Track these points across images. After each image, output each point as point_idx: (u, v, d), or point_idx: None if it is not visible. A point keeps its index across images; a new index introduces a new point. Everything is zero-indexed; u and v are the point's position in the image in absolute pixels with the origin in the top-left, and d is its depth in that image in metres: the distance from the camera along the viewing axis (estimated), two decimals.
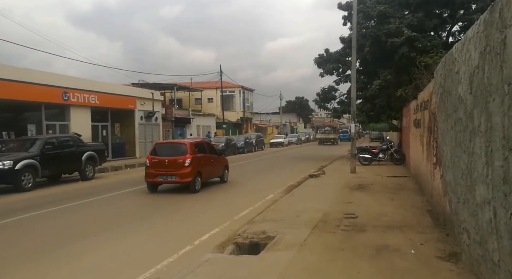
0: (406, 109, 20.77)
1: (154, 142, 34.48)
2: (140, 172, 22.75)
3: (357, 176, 17.37)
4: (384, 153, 22.56)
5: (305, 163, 27.30)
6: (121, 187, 16.23)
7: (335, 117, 31.75)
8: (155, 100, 34.43)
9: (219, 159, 17.08)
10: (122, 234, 8.89)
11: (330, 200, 11.41)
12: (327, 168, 22.21)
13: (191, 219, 10.30)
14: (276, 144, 54.09)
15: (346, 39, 27.03)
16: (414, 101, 15.21)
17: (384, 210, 9.76)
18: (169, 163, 14.60)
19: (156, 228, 9.44)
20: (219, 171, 16.98)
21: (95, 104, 27.17)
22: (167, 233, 8.95)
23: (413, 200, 11.07)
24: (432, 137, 9.69)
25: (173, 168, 14.50)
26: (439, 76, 8.14)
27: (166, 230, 9.18)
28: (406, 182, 15.05)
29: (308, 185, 14.88)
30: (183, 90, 49.90)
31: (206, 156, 15.82)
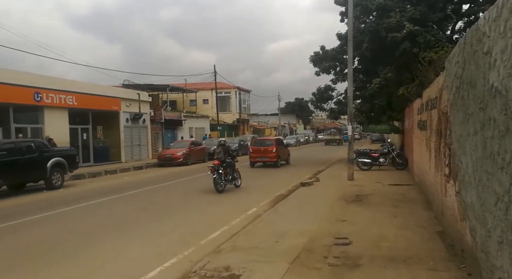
0: (408, 109, 18.98)
1: (142, 145, 32.91)
2: (119, 179, 21.14)
3: (355, 184, 15.55)
4: (385, 157, 20.73)
5: (301, 167, 25.46)
6: (88, 198, 14.40)
7: (332, 118, 29.88)
8: (142, 101, 32.61)
9: (286, 150, 28.29)
10: (67, 258, 7.08)
11: (320, 217, 9.58)
12: (323, 173, 20.39)
13: (147, 243, 8.45)
14: None
15: (343, 35, 25.22)
16: (418, 100, 13.42)
17: (384, 232, 7.93)
18: (263, 150, 25.47)
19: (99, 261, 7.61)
20: (287, 156, 27.58)
21: (73, 105, 25.35)
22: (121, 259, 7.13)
23: (419, 217, 9.25)
24: (442, 143, 7.88)
25: (266, 153, 25.14)
26: (454, 65, 6.34)
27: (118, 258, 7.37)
28: (409, 191, 13.23)
29: (297, 196, 13.05)
30: (177, 91, 48.12)
31: (281, 147, 26.65)
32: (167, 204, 13.29)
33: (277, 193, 14.52)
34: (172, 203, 13.38)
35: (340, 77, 26.13)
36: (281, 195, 13.90)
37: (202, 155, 30.83)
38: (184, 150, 28.65)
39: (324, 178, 17.72)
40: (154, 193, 15.80)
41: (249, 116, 64.10)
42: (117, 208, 12.72)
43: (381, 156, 20.71)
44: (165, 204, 13.13)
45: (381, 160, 20.62)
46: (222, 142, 17.92)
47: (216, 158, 15.50)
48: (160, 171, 25.63)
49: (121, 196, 14.95)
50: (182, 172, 23.86)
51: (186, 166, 27.68)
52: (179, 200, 13.84)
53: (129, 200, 14.14)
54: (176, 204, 13.12)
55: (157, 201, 13.78)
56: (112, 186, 18.16)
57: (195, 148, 30.14)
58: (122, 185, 18.43)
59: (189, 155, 28.78)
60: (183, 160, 28.14)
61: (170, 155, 28.29)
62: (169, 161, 28.14)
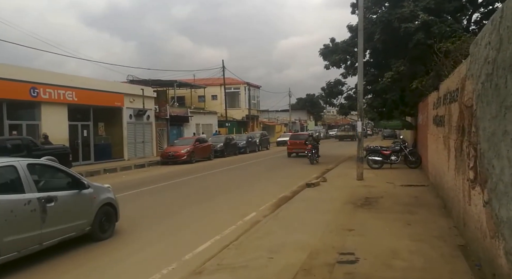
0: (422, 104, 17.77)
1: (146, 142, 31.99)
2: (117, 178, 20.20)
3: (364, 184, 14.41)
4: (397, 155, 19.49)
5: (309, 165, 24.35)
6: None
7: (342, 114, 28.70)
8: (146, 97, 31.62)
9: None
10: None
11: (324, 225, 8.48)
12: (332, 172, 19.25)
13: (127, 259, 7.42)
14: (283, 143, 51.03)
15: (354, 27, 23.96)
16: (434, 93, 12.25)
17: (397, 246, 6.82)
18: (299, 143, 29.22)
19: None
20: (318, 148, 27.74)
21: (73, 101, 24.40)
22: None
23: (436, 226, 8.12)
24: (465, 141, 6.75)
25: (301, 146, 27.92)
26: (484, 47, 5.21)
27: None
28: (424, 194, 12.07)
29: (301, 199, 11.93)
30: (185, 87, 47.13)
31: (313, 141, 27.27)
32: (158, 208, 12.27)
33: (280, 194, 13.48)
34: (165, 207, 12.37)
35: (350, 71, 24.92)
36: (284, 197, 12.84)
37: (207, 152, 29.83)
38: (188, 148, 27.67)
39: (332, 177, 16.59)
40: (149, 195, 14.82)
41: (258, 112, 62.94)
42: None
43: (393, 154, 19.48)
44: (156, 209, 12.10)
45: (392, 158, 19.40)
46: (311, 133, 31.14)
47: (309, 143, 25.45)
48: (162, 169, 24.68)
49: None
50: (185, 170, 22.89)
51: (190, 164, 26.71)
52: (173, 203, 12.81)
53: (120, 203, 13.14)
54: (168, 208, 12.10)
55: (150, 205, 12.78)
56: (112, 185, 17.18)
57: (200, 145, 29.14)
58: (118, 185, 17.41)
59: (193, 152, 27.80)
60: (187, 158, 27.16)
61: (174, 152, 27.32)
62: (173, 159, 27.19)
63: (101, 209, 8.42)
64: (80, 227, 7.84)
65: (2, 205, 6.27)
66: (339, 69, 25.25)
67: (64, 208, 7.44)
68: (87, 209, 8.11)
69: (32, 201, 6.70)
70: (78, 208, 7.91)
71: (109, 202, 8.82)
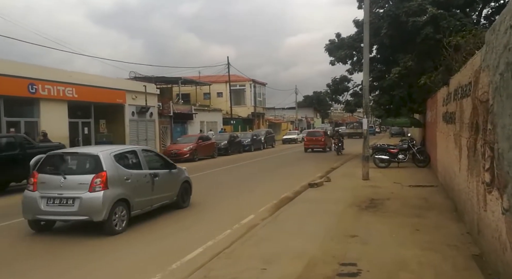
0: (431, 100, 17.11)
1: (149, 140, 31.48)
2: None
3: (370, 184, 13.78)
4: (404, 154, 18.80)
5: (314, 163, 23.77)
6: None
7: (348, 111, 27.95)
8: (149, 94, 31.06)
9: (330, 140, 34.42)
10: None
11: (325, 230, 7.87)
12: (336, 171, 18.64)
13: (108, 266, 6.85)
14: (289, 141, 50.71)
15: (360, 22, 23.16)
16: (444, 88, 11.60)
17: (404, 255, 6.21)
18: (315, 139, 34.11)
19: None
20: (330, 144, 34.05)
21: (73, 98, 23.86)
22: None
23: (447, 232, 7.49)
24: (480, 140, 6.11)
25: (316, 142, 33.83)
26: (503, 33, 4.58)
27: None
28: (433, 195, 11.42)
29: (303, 201, 11.32)
30: (190, 84, 46.58)
31: (327, 137, 34.76)
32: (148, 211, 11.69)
33: (282, 195, 12.89)
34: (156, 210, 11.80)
35: (356, 67, 24.21)
36: (286, 198, 12.25)
37: (211, 150, 29.26)
38: (191, 146, 27.15)
39: (336, 177, 15.97)
40: None
41: (264, 110, 62.24)
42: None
43: (400, 152, 18.79)
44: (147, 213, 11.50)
45: (400, 157, 18.71)
46: (338, 129, 39.12)
47: (336, 138, 31.11)
48: None
49: None
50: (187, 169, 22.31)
51: (193, 162, 26.14)
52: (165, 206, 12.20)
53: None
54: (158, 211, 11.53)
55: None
56: None
57: (203, 143, 28.59)
58: None
59: (196, 150, 27.26)
60: (190, 156, 26.63)
61: (176, 150, 26.77)
62: (175, 157, 26.54)
63: (182, 185, 11.20)
64: (170, 197, 10.65)
65: (134, 177, 9.19)
66: (345, 65, 24.64)
67: (163, 182, 10.17)
68: (175, 184, 10.90)
69: (147, 175, 9.65)
70: (170, 183, 10.64)
71: (187, 180, 11.58)
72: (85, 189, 8.31)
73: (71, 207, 8.28)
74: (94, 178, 8.36)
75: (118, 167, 8.93)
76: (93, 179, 8.36)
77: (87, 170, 8.77)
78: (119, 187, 8.70)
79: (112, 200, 8.42)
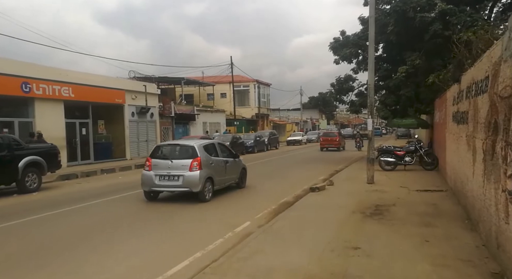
0: (439, 100, 16.35)
1: (150, 141, 30.81)
2: (113, 180, 19.03)
3: (375, 188, 13.00)
4: (411, 156, 17.97)
5: (318, 165, 23.04)
6: (60, 205, 12.17)
7: (353, 112, 26.99)
8: (150, 94, 30.38)
9: (344, 140, 40.26)
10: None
11: (325, 241, 7.12)
12: (340, 174, 17.88)
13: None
14: (293, 142, 49.91)
15: (366, 19, 22.42)
16: (455, 86, 10.83)
17: (413, 272, 5.46)
18: (330, 139, 37.64)
19: None
20: (343, 144, 39.27)
21: (70, 97, 23.21)
22: None
23: (461, 244, 6.72)
24: (500, 142, 5.36)
25: (332, 142, 37.32)
26: None
27: None
28: (443, 201, 10.65)
29: (303, 207, 10.56)
30: (193, 84, 45.93)
31: (341, 138, 39.14)
32: (139, 216, 11.02)
33: (282, 199, 12.16)
34: (147, 215, 11.11)
35: (362, 66, 23.43)
36: (285, 203, 11.52)
37: None
38: None
39: (340, 180, 15.20)
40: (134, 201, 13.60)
41: (269, 111, 61.50)
42: (80, 220, 10.47)
43: (407, 155, 17.97)
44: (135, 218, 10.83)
45: (407, 159, 17.89)
46: (358, 130, 43.53)
47: (357, 137, 37.86)
48: None
49: (98, 202, 12.75)
50: None
51: None
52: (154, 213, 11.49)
53: (101, 209, 11.95)
54: (148, 217, 10.84)
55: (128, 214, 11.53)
56: (99, 188, 16.05)
57: None
58: (112, 187, 16.30)
59: None
60: None
61: None
62: None
63: (241, 171, 14.69)
64: (235, 178, 14.17)
65: (215, 162, 12.58)
66: (350, 65, 23.82)
67: (231, 167, 13.68)
68: (237, 170, 14.41)
69: (222, 161, 13.11)
70: (235, 168, 14.16)
71: (244, 167, 14.98)
72: (186, 169, 11.76)
73: (177, 182, 11.82)
74: (192, 161, 11.83)
75: (206, 155, 12.38)
76: (191, 162, 11.83)
77: (186, 156, 12.14)
78: (207, 168, 12.12)
79: (204, 177, 11.90)
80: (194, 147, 12.20)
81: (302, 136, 53.61)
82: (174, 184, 11.87)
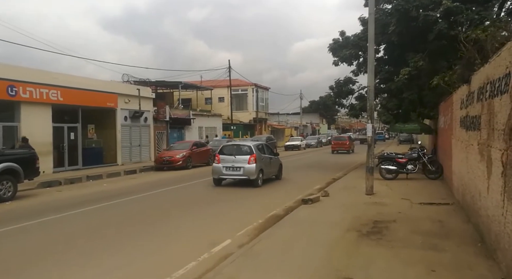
0: (444, 104, 15.24)
1: (143, 146, 29.74)
2: (97, 187, 17.96)
3: (374, 200, 11.86)
4: (414, 164, 16.78)
5: (315, 172, 21.93)
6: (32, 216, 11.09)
7: (352, 116, 25.66)
8: (143, 98, 29.28)
9: (353, 143, 45.48)
10: None
11: (312, 268, 6.01)
12: (338, 182, 16.76)
13: None
14: (291, 147, 48.59)
15: (366, 19, 21.15)
16: (463, 88, 9.71)
17: None
18: (341, 143, 41.82)
19: None
20: (353, 147, 43.34)
21: (58, 101, 22.13)
22: None
23: (475, 275, 5.59)
24: None
25: (343, 145, 41.39)
26: None
27: None
28: (450, 216, 9.51)
29: (292, 222, 9.39)
30: (190, 88, 44.91)
31: (351, 141, 43.31)
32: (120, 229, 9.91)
33: (272, 211, 11.04)
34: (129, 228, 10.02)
35: (362, 68, 22.20)
36: (274, 217, 10.41)
37: (206, 157, 27.36)
38: (185, 152, 25.32)
39: (336, 190, 14.04)
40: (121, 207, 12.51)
41: (267, 115, 60.32)
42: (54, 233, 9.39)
43: (410, 162, 16.80)
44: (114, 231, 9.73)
45: (409, 167, 16.70)
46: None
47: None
48: (153, 176, 22.41)
49: (71, 214, 11.64)
50: (177, 177, 20.61)
51: (186, 170, 24.39)
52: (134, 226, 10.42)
53: (77, 220, 10.86)
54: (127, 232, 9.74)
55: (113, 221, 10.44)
56: (79, 197, 14.97)
57: (198, 149, 26.74)
58: (93, 195, 15.24)
59: (190, 157, 25.45)
60: (183, 163, 24.84)
61: (169, 157, 25.00)
62: (168, 164, 24.88)
63: (279, 166, 18.85)
64: (275, 172, 18.30)
65: (264, 158, 16.67)
66: (350, 67, 22.63)
67: (273, 163, 17.85)
68: (277, 165, 18.49)
69: (268, 158, 17.22)
70: (275, 164, 18.31)
71: (281, 164, 19.12)
72: (246, 162, 15.88)
73: (239, 172, 16.02)
74: (250, 157, 15.90)
75: (258, 152, 16.46)
76: (249, 157, 15.90)
77: (245, 152, 16.25)
78: (260, 162, 16.20)
79: (258, 168, 16.00)
80: (251, 147, 16.57)
81: (301, 141, 52.35)
82: (236, 173, 16.19)
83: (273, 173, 18.11)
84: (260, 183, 16.27)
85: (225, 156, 16.37)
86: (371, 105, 13.57)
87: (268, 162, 17.19)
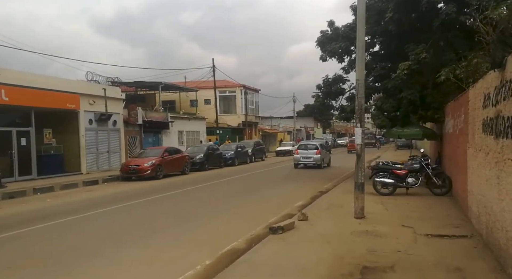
0: (454, 104, 12.41)
1: (113, 152, 26.79)
2: (40, 203, 15.08)
3: (365, 228, 8.91)
4: (415, 176, 13.83)
5: (301, 183, 19.06)
6: None
7: (342, 119, 22.16)
8: (111, 99, 26.30)
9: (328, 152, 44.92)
10: None
11: None
12: (323, 198, 13.88)
13: None
14: (283, 153, 45.76)
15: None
16: (490, 77, 6.83)
17: None
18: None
19: None
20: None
21: (3, 101, 19.07)
22: None
23: None
24: None
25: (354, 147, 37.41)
26: None
27: None
28: (472, 260, 6.60)
29: (245, 270, 6.46)
30: (172, 89, 41.92)
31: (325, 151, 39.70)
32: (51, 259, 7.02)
33: (226, 246, 8.10)
34: (61, 257, 7.12)
35: (354, 65, 19.16)
36: (228, 254, 7.50)
37: (180, 165, 24.51)
38: (154, 160, 22.40)
39: (318, 211, 11.09)
40: (30, 239, 9.62)
41: (258, 119, 57.38)
42: None
43: (410, 174, 13.85)
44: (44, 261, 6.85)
45: (409, 181, 13.73)
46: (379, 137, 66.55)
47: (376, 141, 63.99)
48: (115, 187, 19.58)
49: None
50: (142, 190, 17.94)
51: (155, 181, 21.49)
52: (71, 252, 7.51)
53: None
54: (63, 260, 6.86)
55: (35, 252, 7.52)
56: (11, 216, 12.14)
57: (170, 157, 23.79)
58: (25, 215, 12.41)
59: (160, 166, 22.55)
60: (152, 172, 21.96)
61: (136, 166, 22.08)
62: (135, 174, 21.95)
63: (329, 158, 31.04)
64: (327, 161, 30.20)
65: (323, 151, 29.44)
66: (341, 64, 19.65)
67: (326, 155, 30.78)
68: (327, 157, 30.24)
69: (325, 152, 30.67)
70: (327, 156, 30.86)
71: (330, 157, 31.72)
72: (314, 154, 27.61)
73: (310, 160, 27.63)
74: (317, 151, 27.79)
75: (321, 148, 28.69)
76: (316, 151, 27.75)
77: (314, 148, 28.33)
78: (322, 155, 27.91)
79: (321, 158, 27.75)
80: (317, 145, 28.90)
81: (293, 146, 49.46)
82: (309, 161, 27.49)
83: (327, 162, 29.34)
84: (323, 166, 27.93)
85: (301, 150, 28.32)
86: (361, 103, 10.46)
87: (325, 154, 29.21)
